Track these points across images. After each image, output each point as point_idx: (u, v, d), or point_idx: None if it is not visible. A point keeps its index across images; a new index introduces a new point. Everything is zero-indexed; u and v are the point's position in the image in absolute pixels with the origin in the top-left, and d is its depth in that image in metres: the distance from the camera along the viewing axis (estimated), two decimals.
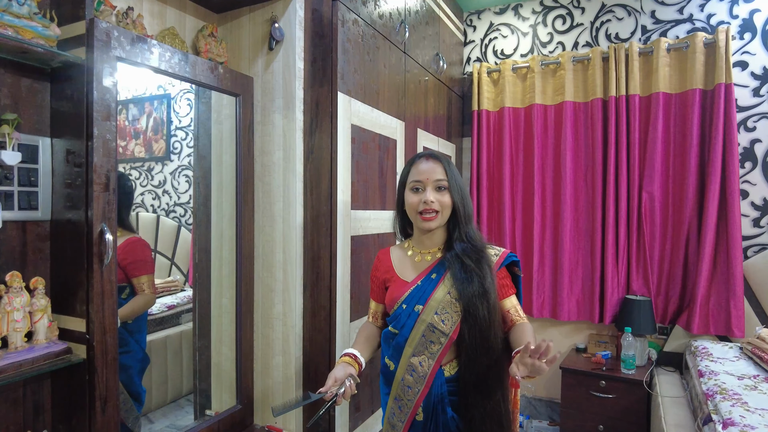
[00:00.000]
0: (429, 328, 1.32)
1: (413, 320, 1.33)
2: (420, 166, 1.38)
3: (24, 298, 1.26)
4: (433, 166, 1.36)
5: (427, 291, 1.34)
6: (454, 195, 1.35)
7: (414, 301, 1.35)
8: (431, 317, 1.31)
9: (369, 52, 2.05)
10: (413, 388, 1.34)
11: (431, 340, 1.32)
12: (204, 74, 1.68)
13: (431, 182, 1.35)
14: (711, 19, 2.76)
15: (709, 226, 2.61)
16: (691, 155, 2.69)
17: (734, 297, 2.55)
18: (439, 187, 1.35)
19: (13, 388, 1.29)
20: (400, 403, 1.37)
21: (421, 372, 1.33)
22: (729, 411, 1.72)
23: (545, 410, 3.17)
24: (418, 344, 1.33)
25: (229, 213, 1.91)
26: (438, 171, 1.36)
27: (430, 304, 1.32)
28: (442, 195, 1.35)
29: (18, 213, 1.31)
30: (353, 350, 1.40)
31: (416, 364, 1.33)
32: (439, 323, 1.31)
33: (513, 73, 3.17)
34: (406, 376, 1.35)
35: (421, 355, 1.33)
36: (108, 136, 1.33)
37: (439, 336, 1.31)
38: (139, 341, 1.85)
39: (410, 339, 1.34)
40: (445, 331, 1.31)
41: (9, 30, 1.18)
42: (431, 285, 1.34)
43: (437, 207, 1.34)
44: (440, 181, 1.35)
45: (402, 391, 1.36)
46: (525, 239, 3.14)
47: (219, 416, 1.80)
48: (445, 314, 1.31)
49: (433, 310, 1.31)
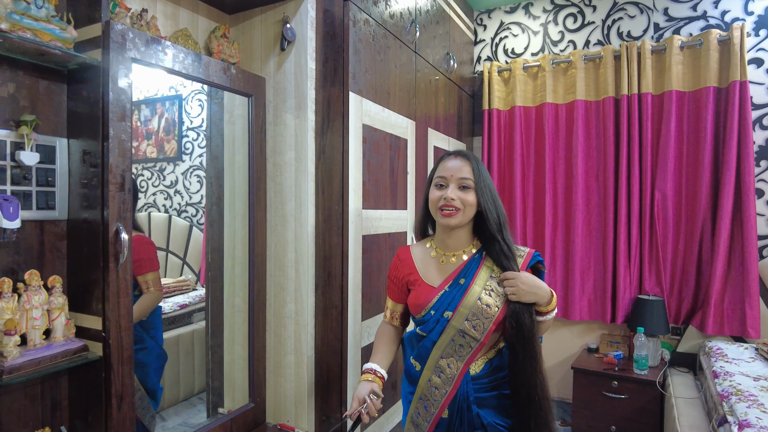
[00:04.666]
0: (459, 334, 1.31)
1: (442, 326, 1.32)
2: (447, 163, 1.36)
3: (42, 296, 1.28)
4: (460, 165, 1.35)
5: (457, 297, 1.32)
6: (481, 195, 1.33)
7: (443, 307, 1.33)
8: (462, 324, 1.30)
9: (380, 52, 2.05)
10: (441, 389, 1.33)
11: (461, 344, 1.31)
12: (217, 75, 1.70)
13: (455, 179, 1.33)
14: (725, 16, 2.73)
15: (724, 225, 2.58)
16: (705, 154, 2.66)
17: (749, 297, 2.52)
18: (464, 186, 1.33)
19: (32, 385, 1.31)
20: (426, 403, 1.36)
21: (449, 374, 1.32)
22: (745, 412, 1.70)
23: (557, 410, 3.15)
24: (447, 348, 1.32)
25: (241, 212, 1.92)
26: (465, 170, 1.34)
27: (460, 311, 1.31)
28: (465, 193, 1.33)
29: (36, 213, 1.33)
30: (373, 365, 1.39)
31: (444, 366, 1.32)
32: (470, 329, 1.30)
33: (524, 72, 3.16)
34: (433, 377, 1.34)
35: (449, 357, 1.32)
36: (123, 137, 1.35)
37: (470, 341, 1.31)
38: (155, 338, 1.86)
39: (439, 343, 1.33)
40: (476, 336, 1.30)
41: (28, 33, 1.20)
42: (460, 291, 1.33)
43: (458, 204, 1.32)
44: (465, 180, 1.33)
45: (428, 392, 1.35)
46: (536, 239, 3.12)
47: (232, 414, 1.81)
48: (476, 320, 1.30)
49: (463, 317, 1.30)
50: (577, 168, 2.97)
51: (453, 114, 2.98)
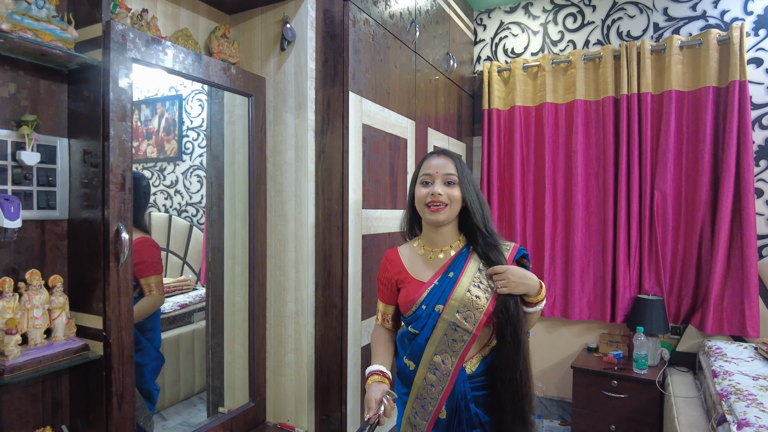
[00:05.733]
0: (451, 327, 1.32)
1: (434, 320, 1.34)
2: (432, 161, 1.39)
3: (43, 295, 1.28)
4: (444, 162, 1.38)
5: (446, 290, 1.34)
6: (465, 191, 1.36)
7: (434, 301, 1.35)
8: (453, 316, 1.32)
9: (380, 52, 2.06)
10: (437, 387, 1.34)
11: (454, 338, 1.33)
12: (217, 75, 1.70)
13: (440, 176, 1.36)
14: (725, 16, 2.73)
15: (723, 225, 2.58)
16: (705, 153, 2.67)
17: (749, 297, 2.52)
18: (449, 182, 1.36)
19: (33, 384, 1.32)
20: (424, 402, 1.37)
21: (444, 370, 1.33)
22: (744, 411, 1.71)
23: (556, 410, 3.16)
24: (440, 343, 1.33)
25: (241, 212, 1.93)
26: (449, 166, 1.37)
27: (450, 304, 1.32)
28: (451, 189, 1.36)
29: (37, 212, 1.33)
30: (378, 366, 1.40)
31: (439, 363, 1.33)
32: (462, 321, 1.31)
33: (523, 72, 3.16)
34: (428, 375, 1.35)
35: (443, 353, 1.33)
36: (124, 137, 1.35)
37: (462, 334, 1.32)
38: (152, 340, 1.86)
39: (432, 338, 1.34)
40: (468, 328, 1.31)
41: (29, 33, 1.21)
42: (450, 284, 1.34)
43: (445, 200, 1.34)
44: (450, 176, 1.36)
45: (425, 390, 1.36)
46: (536, 238, 3.13)
47: (232, 413, 1.82)
48: (467, 312, 1.31)
49: (454, 309, 1.32)
50: (576, 168, 2.97)
51: (453, 114, 2.99)
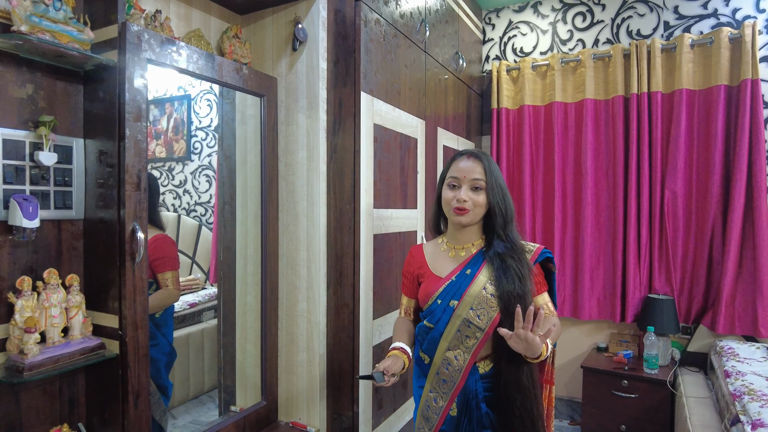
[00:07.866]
0: (464, 323, 1.33)
1: (448, 315, 1.35)
2: (460, 163, 1.40)
3: (60, 294, 1.30)
4: (472, 165, 1.38)
5: (462, 286, 1.35)
6: (491, 195, 1.36)
7: (449, 296, 1.36)
8: (467, 312, 1.33)
9: (390, 52, 2.06)
10: (449, 382, 1.36)
11: (467, 335, 1.34)
12: (229, 75, 1.71)
13: (467, 181, 1.37)
14: (736, 14, 2.71)
15: (735, 224, 2.56)
16: (716, 152, 2.65)
17: (761, 297, 2.51)
18: (476, 187, 1.37)
19: (51, 382, 1.33)
20: (436, 396, 1.39)
21: (457, 366, 1.35)
22: (758, 412, 1.70)
23: (566, 409, 3.15)
24: (453, 338, 1.35)
25: (253, 212, 1.93)
26: (477, 170, 1.37)
27: (465, 300, 1.34)
28: (477, 194, 1.36)
29: (54, 212, 1.34)
30: (400, 344, 1.42)
31: (451, 358, 1.35)
32: (475, 318, 1.33)
33: (533, 71, 3.15)
34: (441, 369, 1.37)
35: (456, 349, 1.35)
36: (139, 137, 1.36)
37: (475, 331, 1.33)
38: (165, 335, 1.88)
39: (445, 333, 1.36)
40: (480, 326, 1.32)
41: (46, 35, 1.22)
42: (466, 281, 1.36)
43: (469, 206, 1.36)
44: (477, 181, 1.36)
45: (438, 384, 1.38)
46: (545, 238, 3.12)
47: (244, 412, 1.83)
48: (481, 309, 1.32)
49: (468, 306, 1.33)
50: (586, 167, 2.96)
51: (462, 113, 2.98)
